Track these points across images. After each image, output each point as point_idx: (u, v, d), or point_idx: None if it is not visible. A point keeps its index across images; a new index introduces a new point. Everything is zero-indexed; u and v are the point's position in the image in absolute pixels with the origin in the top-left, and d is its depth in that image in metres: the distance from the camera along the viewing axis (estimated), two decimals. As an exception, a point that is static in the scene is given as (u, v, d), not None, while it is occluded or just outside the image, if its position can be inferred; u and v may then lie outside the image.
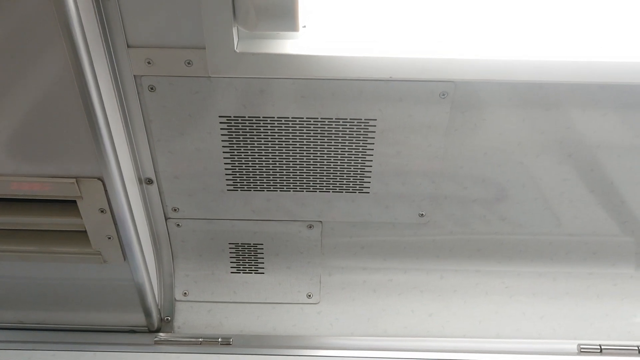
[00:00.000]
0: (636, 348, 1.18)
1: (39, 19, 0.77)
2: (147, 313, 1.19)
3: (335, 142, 1.04)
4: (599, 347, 1.19)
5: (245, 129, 1.02)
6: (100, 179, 0.95)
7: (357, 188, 1.12)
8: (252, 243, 1.22)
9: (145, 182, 1.10)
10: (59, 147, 0.92)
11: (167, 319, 1.25)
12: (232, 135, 1.03)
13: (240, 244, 1.22)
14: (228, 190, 1.12)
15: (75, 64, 0.80)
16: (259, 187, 1.11)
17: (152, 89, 0.96)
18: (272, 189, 1.12)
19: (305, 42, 0.91)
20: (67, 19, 0.76)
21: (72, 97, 0.84)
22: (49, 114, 0.87)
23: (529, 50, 0.91)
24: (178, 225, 1.18)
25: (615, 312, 1.25)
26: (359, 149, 1.05)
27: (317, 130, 1.02)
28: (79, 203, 0.99)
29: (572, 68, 0.91)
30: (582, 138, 1.03)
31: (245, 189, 1.12)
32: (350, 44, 0.91)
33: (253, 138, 1.03)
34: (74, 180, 0.95)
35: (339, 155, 1.06)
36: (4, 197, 0.99)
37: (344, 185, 1.11)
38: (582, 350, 1.19)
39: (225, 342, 1.20)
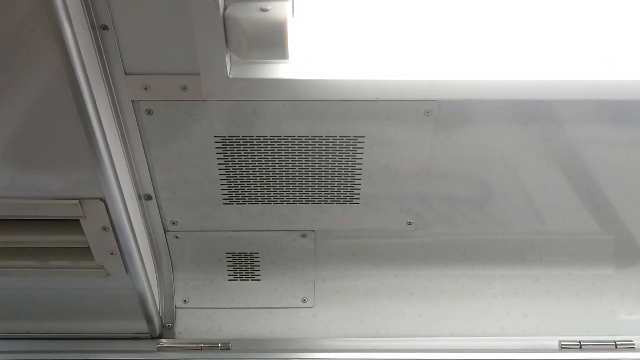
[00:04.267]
0: (613, 343, 1.25)
1: (39, 51, 0.81)
2: (149, 320, 1.24)
3: (326, 158, 1.09)
4: (578, 343, 1.25)
5: (240, 148, 1.07)
6: (102, 200, 1.00)
7: (348, 199, 1.17)
8: (248, 252, 1.27)
9: (144, 198, 1.14)
10: (62, 171, 0.96)
11: (169, 325, 1.30)
12: (227, 153, 1.07)
13: (236, 253, 1.28)
14: (224, 203, 1.16)
15: (75, 92, 0.84)
16: (253, 199, 1.16)
17: (149, 112, 1.00)
18: (266, 201, 1.16)
19: (294, 67, 0.95)
20: (67, 50, 0.79)
21: (73, 124, 0.88)
22: (53, 139, 0.92)
23: (507, 70, 0.96)
24: (177, 237, 1.23)
25: (594, 309, 1.31)
26: (348, 163, 1.10)
27: (308, 147, 1.07)
28: (82, 222, 1.03)
29: (548, 87, 0.96)
30: (559, 150, 1.09)
31: (241, 201, 1.16)
32: (338, 68, 0.96)
33: (247, 155, 1.08)
34: (77, 201, 1.00)
35: (330, 170, 1.11)
36: (12, 217, 1.04)
37: (335, 196, 1.16)
38: (562, 346, 1.26)
39: (225, 347, 1.26)
